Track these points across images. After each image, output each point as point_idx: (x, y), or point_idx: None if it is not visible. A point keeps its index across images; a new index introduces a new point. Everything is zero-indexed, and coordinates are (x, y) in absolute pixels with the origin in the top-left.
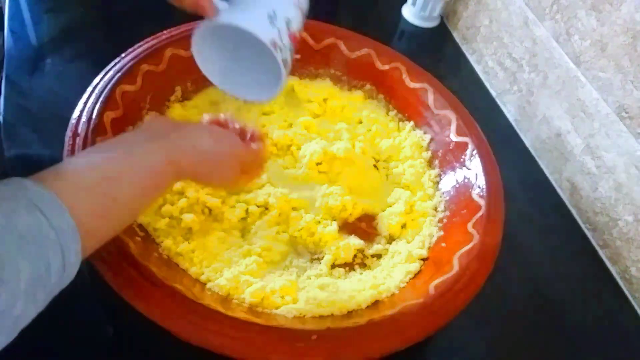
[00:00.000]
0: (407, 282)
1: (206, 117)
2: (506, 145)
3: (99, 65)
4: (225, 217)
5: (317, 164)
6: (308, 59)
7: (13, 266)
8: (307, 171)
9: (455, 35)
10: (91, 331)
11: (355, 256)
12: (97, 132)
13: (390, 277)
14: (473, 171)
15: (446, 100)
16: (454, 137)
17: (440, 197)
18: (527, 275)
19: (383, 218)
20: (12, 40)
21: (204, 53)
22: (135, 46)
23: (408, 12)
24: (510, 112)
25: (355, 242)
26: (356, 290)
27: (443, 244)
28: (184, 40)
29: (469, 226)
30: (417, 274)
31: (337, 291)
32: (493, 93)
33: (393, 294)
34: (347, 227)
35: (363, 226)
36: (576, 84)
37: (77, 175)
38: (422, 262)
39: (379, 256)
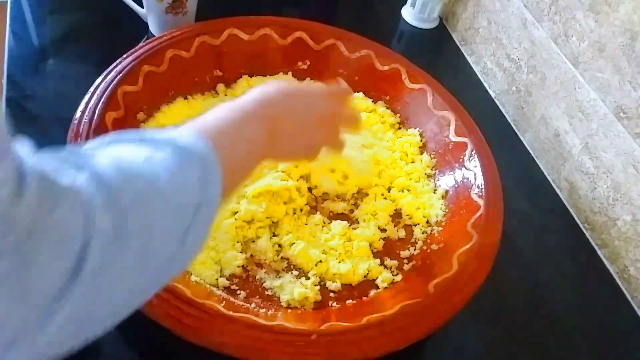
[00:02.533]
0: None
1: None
2: (505, 145)
3: (101, 66)
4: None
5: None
6: (308, 60)
7: None
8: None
9: (454, 36)
10: None
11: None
12: (98, 132)
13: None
14: (472, 171)
15: (445, 101)
16: (453, 138)
17: (440, 197)
18: (525, 274)
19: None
20: (14, 41)
21: None
22: (137, 47)
23: (407, 14)
24: (508, 112)
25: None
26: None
27: (442, 244)
28: (185, 42)
29: (468, 226)
30: (418, 274)
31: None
32: (492, 94)
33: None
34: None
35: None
36: (574, 84)
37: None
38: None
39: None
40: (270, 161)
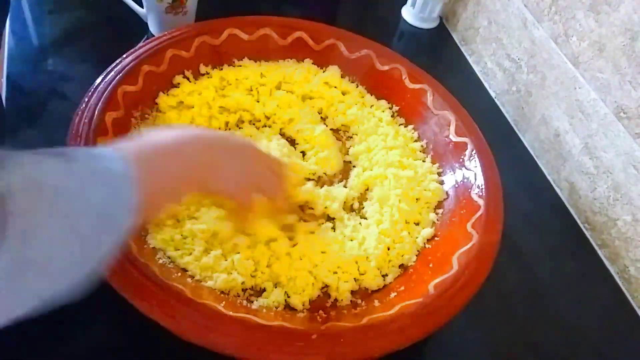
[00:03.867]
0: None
1: None
2: (505, 145)
3: (101, 66)
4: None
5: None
6: (308, 60)
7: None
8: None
9: (454, 36)
10: (92, 331)
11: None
12: (98, 132)
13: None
14: (472, 171)
15: (445, 100)
16: (453, 138)
17: (440, 196)
18: (526, 274)
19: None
20: (14, 41)
21: None
22: (137, 47)
23: (407, 13)
24: (509, 112)
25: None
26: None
27: (442, 244)
28: (185, 42)
29: (468, 226)
30: (416, 274)
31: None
32: (492, 93)
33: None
34: None
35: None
36: (574, 84)
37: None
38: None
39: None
40: (211, 192)
